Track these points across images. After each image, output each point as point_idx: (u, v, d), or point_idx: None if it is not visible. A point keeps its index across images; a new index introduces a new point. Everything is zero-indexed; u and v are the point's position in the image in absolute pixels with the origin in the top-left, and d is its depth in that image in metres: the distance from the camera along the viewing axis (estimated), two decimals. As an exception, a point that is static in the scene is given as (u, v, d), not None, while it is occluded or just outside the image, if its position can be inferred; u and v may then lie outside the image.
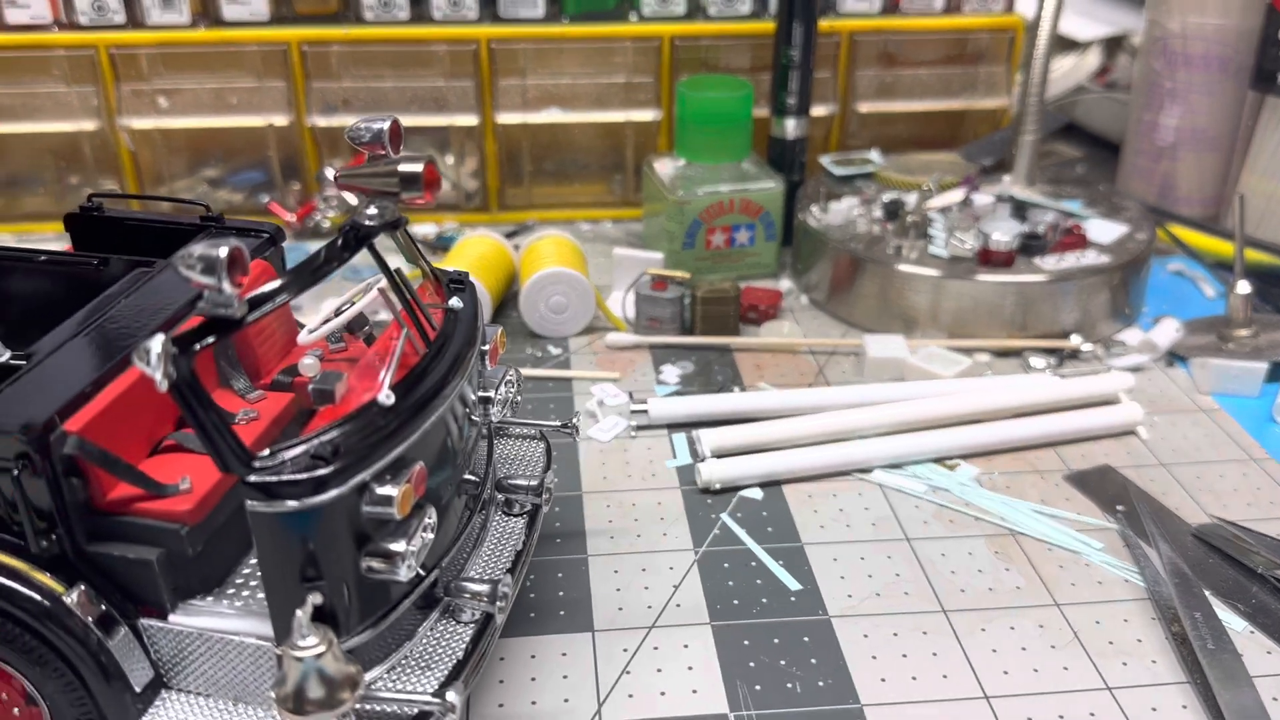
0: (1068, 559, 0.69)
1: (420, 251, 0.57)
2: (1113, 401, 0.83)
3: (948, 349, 0.89)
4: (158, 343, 0.41)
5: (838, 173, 1.07)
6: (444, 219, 1.17)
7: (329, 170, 1.15)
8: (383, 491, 0.46)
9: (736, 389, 0.86)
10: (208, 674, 0.50)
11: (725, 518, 0.73)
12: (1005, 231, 0.91)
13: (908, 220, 0.95)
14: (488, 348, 0.59)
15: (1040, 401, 0.81)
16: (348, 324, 0.60)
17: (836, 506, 0.74)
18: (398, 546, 0.47)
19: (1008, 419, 0.80)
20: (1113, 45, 1.44)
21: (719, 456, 0.77)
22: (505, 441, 0.67)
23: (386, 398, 0.48)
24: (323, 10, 1.11)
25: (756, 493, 0.75)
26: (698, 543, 0.70)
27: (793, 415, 0.80)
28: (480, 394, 0.58)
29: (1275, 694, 0.59)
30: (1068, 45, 1.46)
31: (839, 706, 0.58)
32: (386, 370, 0.48)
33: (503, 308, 0.99)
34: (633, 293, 0.95)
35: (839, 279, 0.96)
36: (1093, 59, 1.44)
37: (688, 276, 0.94)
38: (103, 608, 0.49)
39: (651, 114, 1.15)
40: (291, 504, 0.44)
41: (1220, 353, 0.88)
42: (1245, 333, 0.90)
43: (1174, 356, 0.91)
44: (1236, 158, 1.13)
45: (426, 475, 0.48)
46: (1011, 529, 0.71)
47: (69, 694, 0.49)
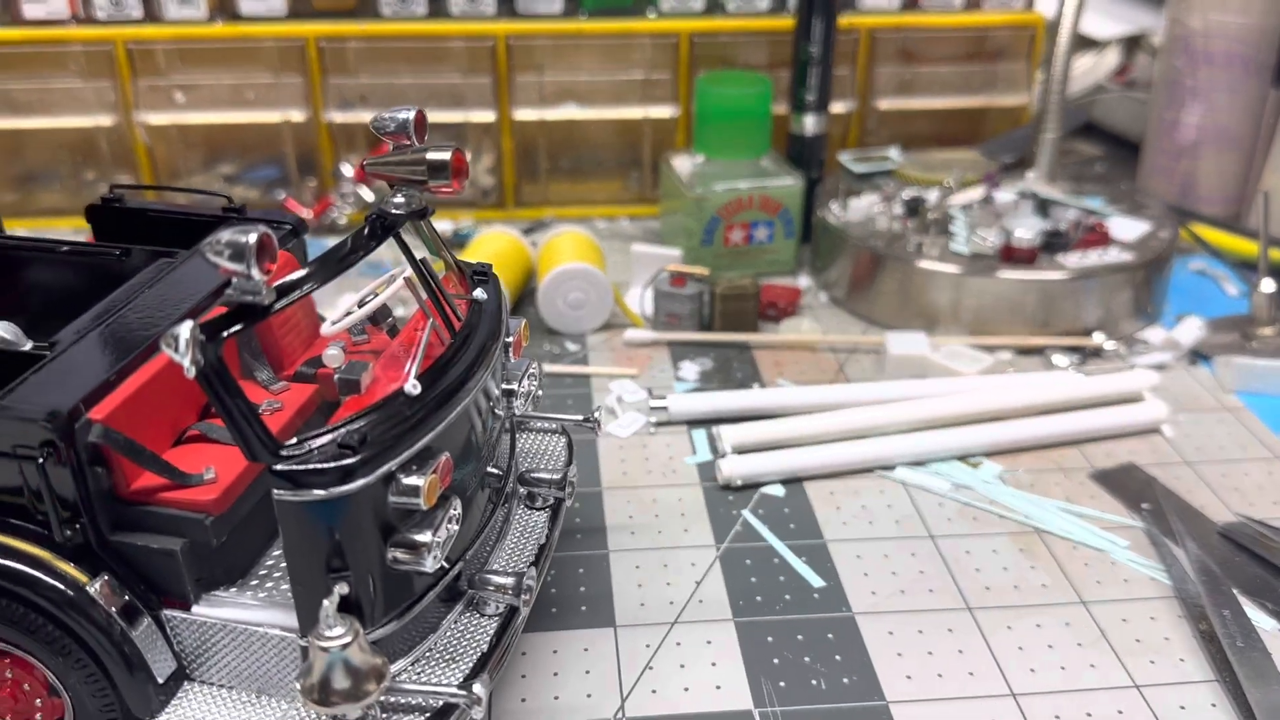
0: (1093, 557, 0.68)
1: (443, 243, 0.56)
2: (1136, 399, 0.82)
3: (970, 346, 0.89)
4: (186, 329, 0.40)
5: (857, 170, 1.07)
6: (460, 215, 1.17)
7: (345, 166, 1.15)
8: (409, 481, 0.46)
9: (756, 386, 0.86)
10: (231, 666, 0.50)
11: (746, 514, 0.72)
12: (1028, 228, 0.90)
13: (928, 217, 0.95)
14: (511, 340, 0.58)
15: (1064, 399, 0.81)
16: (371, 316, 0.59)
17: (859, 504, 0.73)
18: (423, 537, 0.46)
19: (1031, 416, 0.79)
20: (1131, 44, 1.44)
21: (740, 453, 0.77)
22: (527, 436, 0.67)
23: (413, 387, 0.47)
24: (340, 6, 1.11)
25: (778, 489, 0.75)
26: (719, 539, 0.70)
27: (813, 412, 0.80)
28: (504, 386, 0.58)
29: (1306, 693, 0.58)
30: (1086, 44, 1.45)
31: (864, 703, 0.57)
32: (413, 360, 0.48)
33: (520, 304, 0.99)
34: (651, 289, 0.94)
35: (859, 276, 0.95)
36: (1111, 58, 1.43)
37: (707, 273, 0.93)
38: (126, 598, 0.48)
39: (669, 110, 1.15)
40: (318, 493, 0.44)
41: (1244, 351, 0.87)
42: (1270, 331, 0.89)
43: (1197, 355, 0.90)
44: (1258, 156, 1.12)
45: (453, 466, 0.48)
46: (1036, 527, 0.71)
47: (91, 685, 0.49)
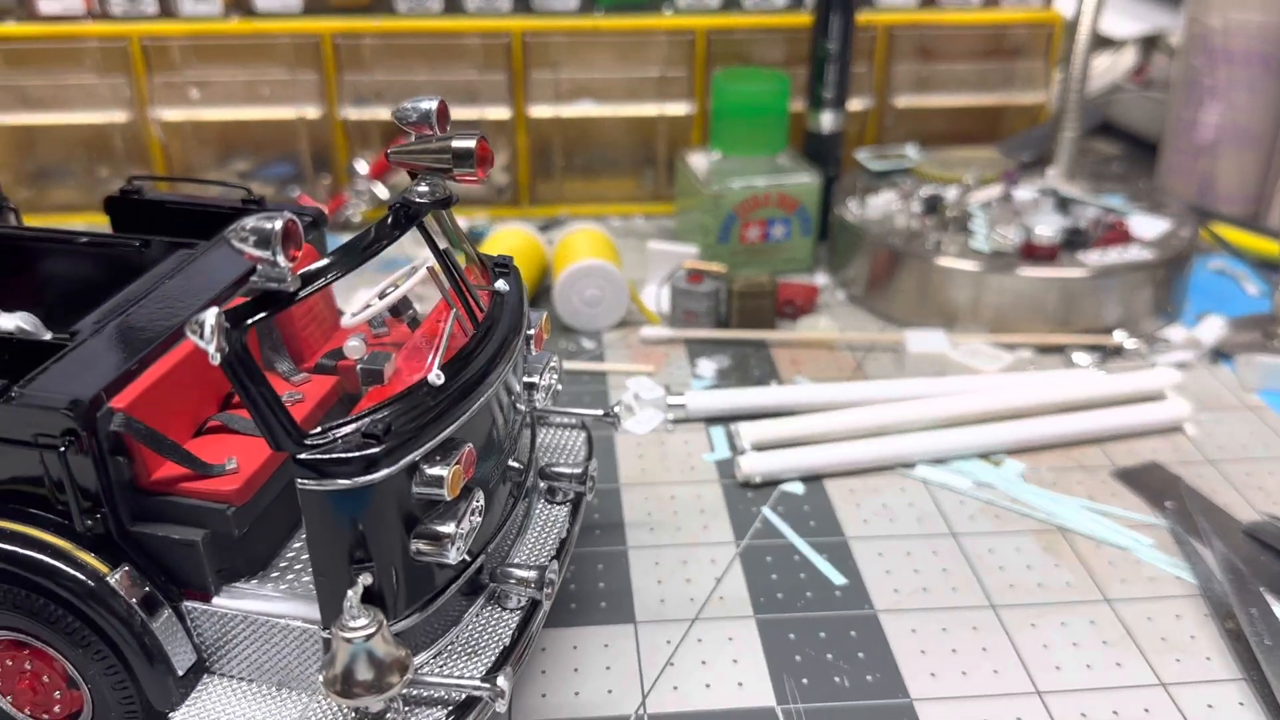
0: (1117, 555, 0.67)
1: (464, 234, 0.56)
2: (1159, 398, 0.81)
3: (990, 345, 0.88)
4: (212, 315, 0.40)
5: (874, 168, 1.06)
6: (475, 213, 1.16)
7: (360, 163, 1.15)
8: (433, 472, 0.45)
9: (774, 383, 0.85)
10: (251, 658, 0.50)
11: (766, 511, 0.72)
12: (1048, 226, 0.90)
13: (947, 215, 0.94)
14: (533, 332, 0.58)
15: (1086, 397, 0.80)
16: (391, 308, 0.59)
17: (880, 501, 0.72)
18: (446, 529, 0.46)
19: (1053, 414, 0.79)
20: (1149, 44, 1.43)
21: (759, 450, 0.76)
22: (546, 430, 0.67)
23: (437, 377, 0.47)
24: (356, 2, 1.11)
25: (797, 487, 0.74)
26: (739, 536, 0.69)
27: (832, 410, 0.79)
28: (525, 380, 0.57)
29: (1336, 693, 0.58)
30: (1103, 43, 1.44)
31: (888, 701, 0.57)
32: (436, 350, 0.48)
33: (535, 302, 0.98)
34: (668, 286, 0.94)
35: (877, 274, 0.95)
36: (1128, 57, 1.42)
37: (724, 270, 0.93)
38: (146, 589, 0.48)
39: (685, 108, 1.14)
40: (342, 482, 0.43)
41: (1266, 350, 0.87)
42: (1292, 330, 0.88)
43: (1219, 354, 0.90)
44: (1278, 155, 1.11)
45: (475, 458, 0.48)
46: (1059, 525, 0.70)
47: (110, 677, 0.48)
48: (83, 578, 0.47)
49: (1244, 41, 1.09)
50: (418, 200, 0.49)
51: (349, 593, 0.43)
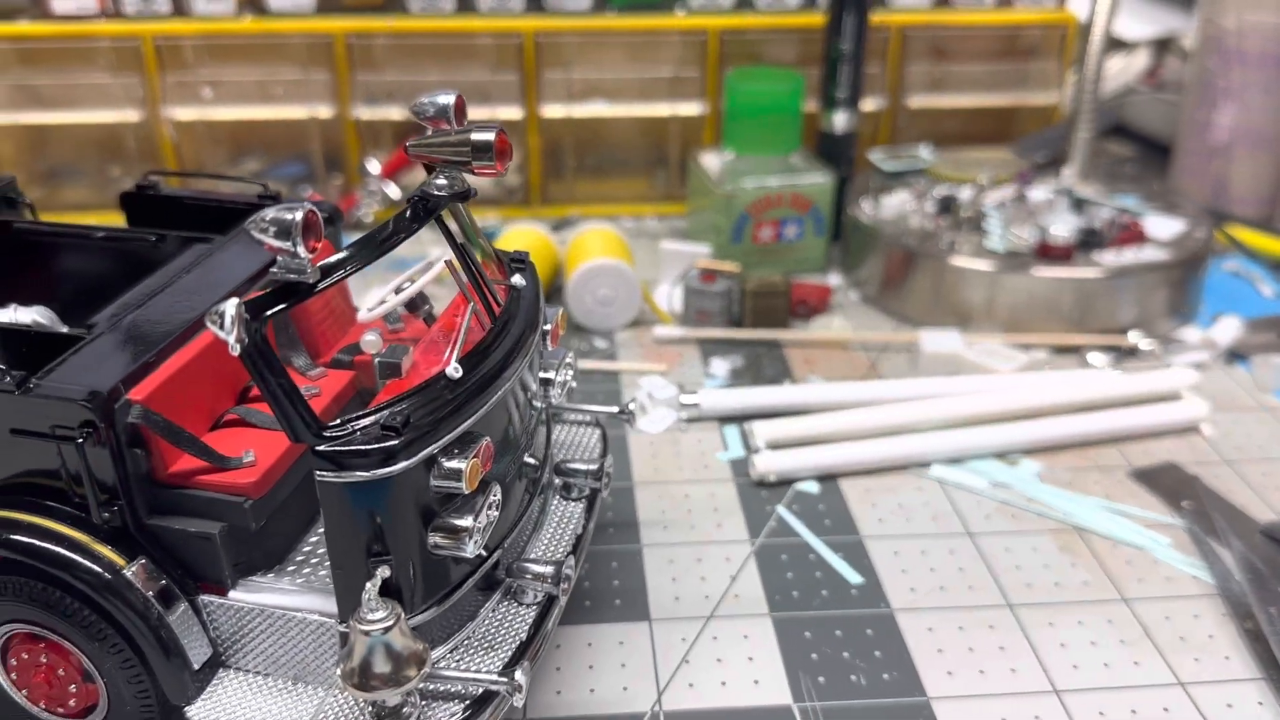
0: (1134, 555, 0.67)
1: (479, 229, 0.56)
2: (1175, 398, 0.81)
3: (1005, 345, 0.88)
4: (232, 306, 0.40)
5: (887, 168, 1.06)
6: (486, 213, 1.16)
7: (372, 163, 1.15)
8: (451, 465, 0.45)
9: (787, 383, 0.85)
10: (267, 652, 0.49)
11: (781, 510, 0.71)
12: (1064, 226, 0.89)
13: (962, 214, 0.94)
14: (549, 328, 0.58)
15: (1102, 397, 0.80)
16: (407, 303, 0.59)
17: (895, 501, 0.72)
18: (464, 522, 0.46)
19: (1069, 414, 0.78)
20: (1161, 47, 1.43)
21: (773, 448, 0.76)
22: (561, 427, 0.66)
23: (454, 370, 0.47)
24: (369, 2, 1.11)
25: (812, 486, 0.74)
26: (753, 535, 0.69)
27: (847, 409, 0.79)
28: (541, 375, 0.57)
29: (1357, 693, 0.57)
30: (1116, 45, 1.44)
31: (905, 699, 0.57)
32: (454, 343, 0.47)
33: (548, 301, 0.98)
34: (680, 286, 0.94)
35: (891, 274, 0.95)
36: (1141, 60, 1.42)
37: (738, 269, 0.93)
38: (163, 582, 0.48)
39: (697, 108, 1.14)
40: (361, 474, 0.43)
41: (1283, 351, 0.86)
42: (1308, 331, 0.88)
43: (1234, 355, 0.89)
44: (1292, 157, 1.11)
45: (493, 452, 0.47)
46: (1076, 524, 0.70)
47: (126, 670, 0.48)
48: (99, 570, 0.47)
49: (1259, 43, 1.09)
50: (436, 193, 0.49)
51: (367, 585, 0.43)
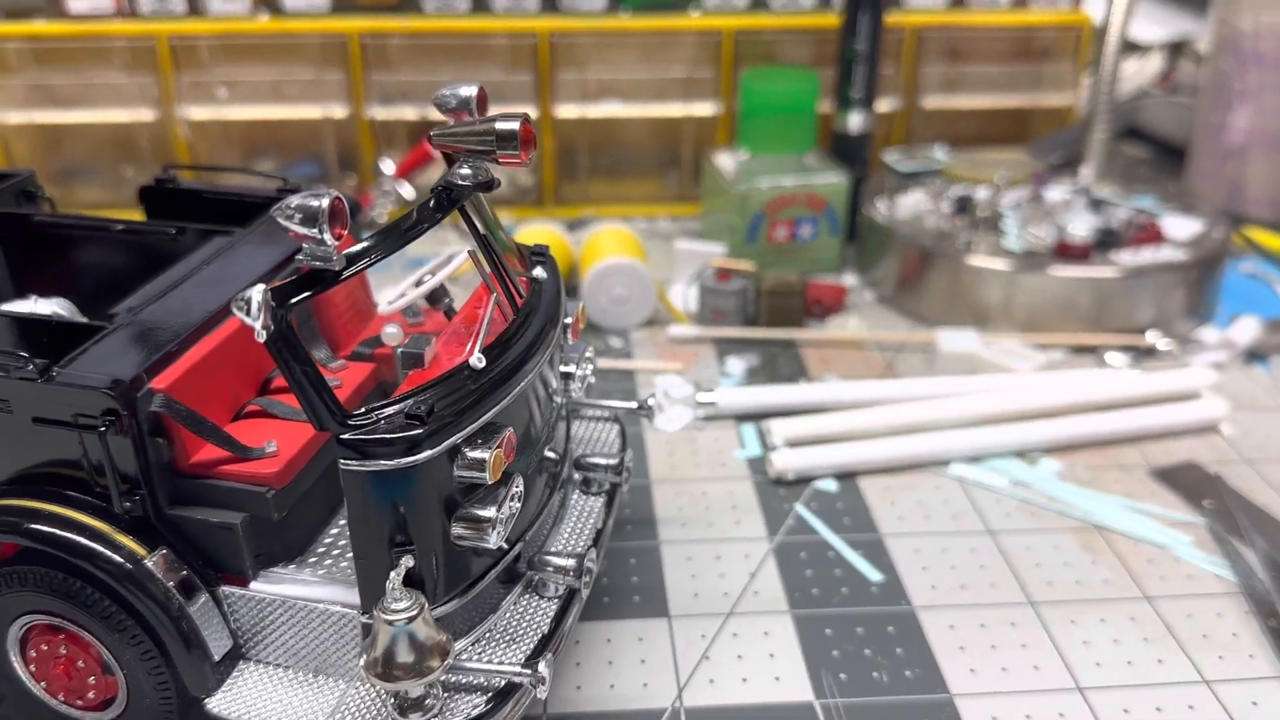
0: (1156, 554, 0.67)
1: (500, 222, 0.55)
2: (1194, 398, 0.80)
3: (1022, 344, 0.87)
4: (258, 292, 0.40)
5: (902, 169, 1.06)
6: (499, 213, 1.16)
7: (386, 163, 1.15)
8: (475, 455, 0.45)
9: (804, 382, 0.85)
10: (288, 644, 0.49)
11: (799, 508, 0.71)
12: (1082, 225, 0.89)
13: (978, 215, 0.93)
14: (570, 321, 0.57)
15: (1121, 396, 0.79)
16: (427, 296, 0.59)
17: (914, 499, 0.72)
18: (487, 513, 0.45)
19: (1088, 413, 0.78)
20: (1175, 50, 1.42)
21: (791, 447, 0.75)
22: (580, 423, 0.66)
23: (478, 360, 0.46)
24: (383, 1, 1.11)
25: (830, 484, 0.73)
26: (772, 532, 0.69)
27: (864, 407, 0.79)
28: (562, 369, 0.57)
29: (1383, 692, 0.57)
30: (1130, 48, 1.43)
31: (928, 696, 0.56)
32: (478, 333, 0.47)
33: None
34: (695, 285, 0.93)
35: (907, 274, 0.94)
36: (1155, 63, 1.42)
37: (754, 268, 0.92)
38: (184, 573, 0.47)
39: (711, 108, 1.14)
40: (385, 463, 0.43)
41: (1302, 351, 0.86)
42: (1327, 332, 0.87)
43: (1253, 355, 0.89)
44: (1309, 159, 1.11)
45: (515, 443, 0.47)
46: (1097, 523, 0.69)
47: (146, 662, 0.48)
48: (120, 560, 0.46)
49: (1275, 45, 1.09)
50: (460, 183, 0.48)
51: (391, 574, 0.43)
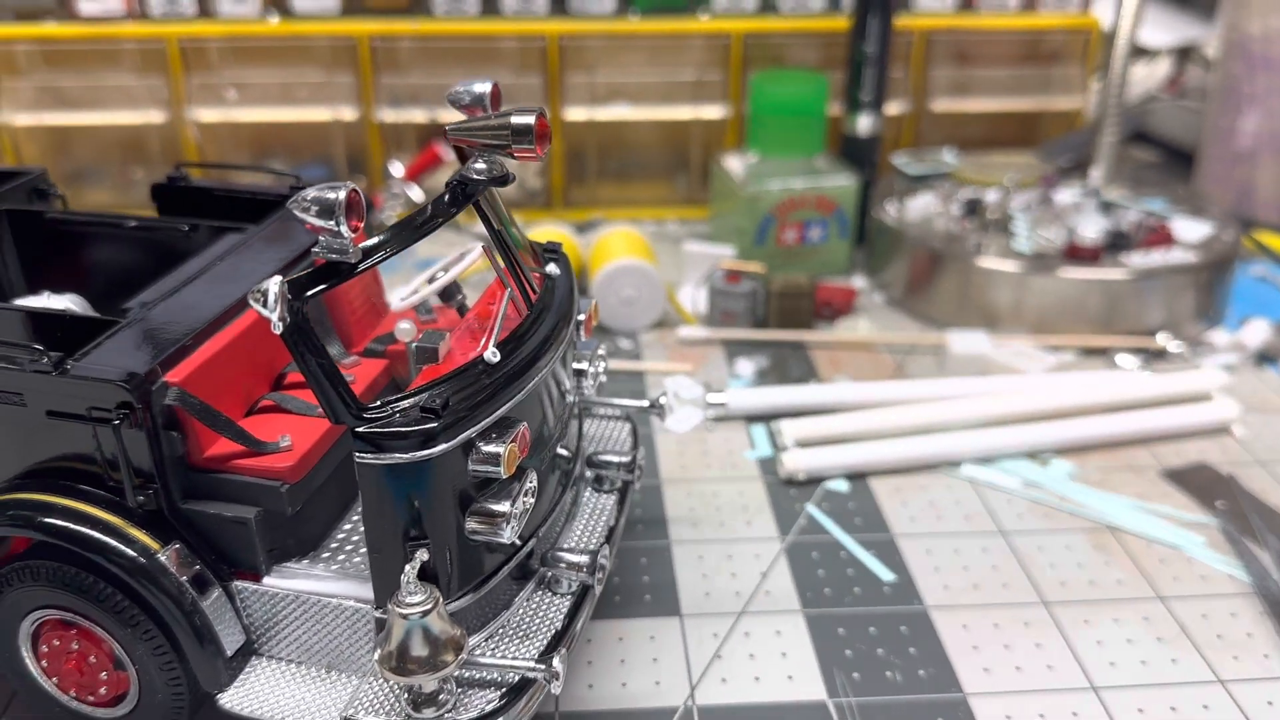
0: (1169, 554, 0.66)
1: (513, 218, 0.55)
2: (1205, 399, 0.80)
3: (1033, 346, 0.87)
4: (275, 284, 0.40)
5: (911, 172, 1.06)
6: (508, 216, 1.16)
7: (395, 165, 1.15)
8: (489, 449, 0.45)
9: (814, 383, 0.85)
10: (301, 639, 0.49)
11: (811, 508, 0.71)
12: (1092, 227, 0.89)
13: (988, 217, 0.93)
14: (583, 318, 0.57)
15: (1132, 398, 0.79)
16: (440, 293, 0.58)
17: (926, 500, 0.72)
18: (501, 507, 0.45)
19: (1099, 415, 0.78)
20: (1183, 55, 1.42)
21: (801, 447, 0.75)
22: (591, 422, 0.66)
23: (492, 355, 0.46)
24: (393, 4, 1.11)
25: (842, 485, 0.73)
26: (783, 532, 0.68)
27: (875, 408, 0.78)
28: (575, 366, 0.57)
29: (1400, 692, 0.56)
30: (1138, 53, 1.44)
31: (942, 695, 0.56)
32: (492, 328, 0.47)
33: (572, 301, 0.98)
34: (704, 287, 0.93)
35: (916, 276, 0.94)
36: (1163, 68, 1.42)
37: (764, 269, 0.92)
38: (197, 567, 0.47)
39: (719, 111, 1.14)
40: (400, 456, 0.43)
41: (1313, 354, 0.86)
42: (1338, 335, 0.87)
43: (1264, 358, 0.88)
44: (1318, 163, 1.10)
45: (529, 438, 0.47)
46: (1109, 524, 0.69)
47: (158, 657, 0.48)
48: (133, 554, 0.46)
49: (1284, 48, 1.09)
50: (475, 177, 0.48)
51: (406, 568, 0.43)
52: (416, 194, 1.12)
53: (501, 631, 0.49)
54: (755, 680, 0.57)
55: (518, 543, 0.49)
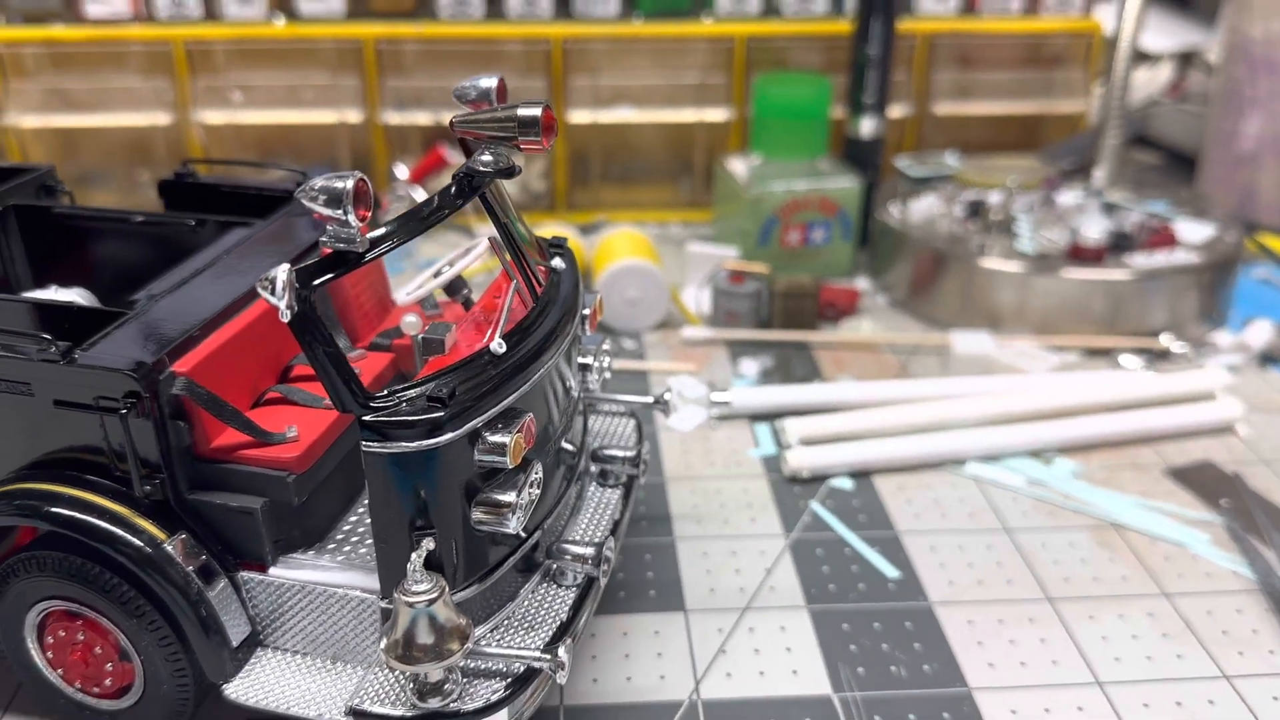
0: (1173, 551, 0.66)
1: (519, 213, 0.56)
2: (1209, 399, 0.80)
3: (1036, 347, 0.87)
4: (283, 272, 0.40)
5: (914, 174, 1.06)
6: (512, 219, 1.16)
7: (400, 168, 1.15)
8: (495, 439, 0.45)
9: (818, 383, 0.85)
10: (306, 630, 0.49)
11: (815, 505, 0.71)
12: (1095, 227, 0.89)
13: (991, 218, 0.93)
14: (588, 312, 0.57)
15: (1136, 397, 0.79)
16: (446, 287, 0.59)
17: (930, 497, 0.72)
18: (507, 497, 0.45)
19: (1103, 414, 0.78)
20: (1185, 60, 1.43)
21: (806, 445, 0.75)
22: (596, 418, 0.66)
23: (498, 345, 0.46)
24: (399, 7, 1.11)
25: (846, 482, 0.73)
26: (787, 529, 0.69)
27: (880, 407, 0.78)
28: (580, 360, 0.57)
29: (1405, 688, 0.56)
30: (1140, 57, 1.44)
31: (946, 690, 0.56)
32: (498, 319, 0.47)
33: (576, 302, 0.98)
34: (708, 287, 0.94)
35: (920, 277, 0.94)
36: (1165, 72, 1.42)
37: (768, 270, 0.92)
38: (203, 557, 0.47)
39: (723, 114, 1.14)
40: (406, 445, 0.43)
41: (1317, 354, 0.86)
42: (1342, 335, 0.87)
43: (1267, 358, 0.89)
44: (1321, 166, 1.11)
45: (535, 429, 0.47)
46: (1113, 521, 0.69)
47: (164, 648, 0.48)
48: (140, 544, 0.46)
49: (1286, 51, 1.09)
50: (481, 169, 0.49)
51: (413, 556, 0.43)
52: (421, 196, 1.13)
53: (507, 623, 0.49)
54: (760, 675, 0.57)
55: (523, 534, 0.49)
